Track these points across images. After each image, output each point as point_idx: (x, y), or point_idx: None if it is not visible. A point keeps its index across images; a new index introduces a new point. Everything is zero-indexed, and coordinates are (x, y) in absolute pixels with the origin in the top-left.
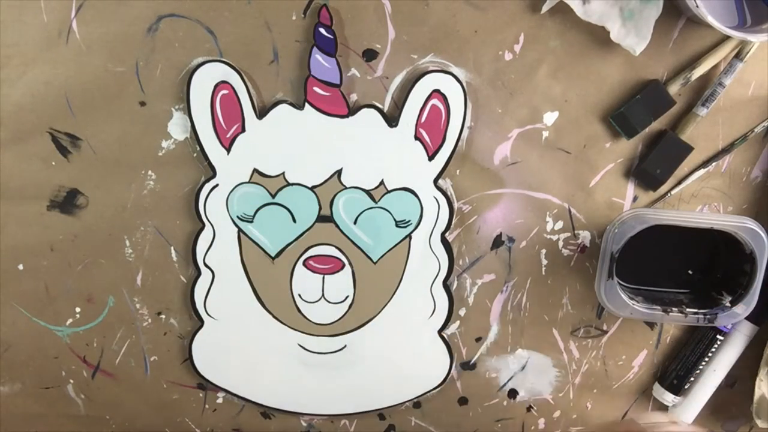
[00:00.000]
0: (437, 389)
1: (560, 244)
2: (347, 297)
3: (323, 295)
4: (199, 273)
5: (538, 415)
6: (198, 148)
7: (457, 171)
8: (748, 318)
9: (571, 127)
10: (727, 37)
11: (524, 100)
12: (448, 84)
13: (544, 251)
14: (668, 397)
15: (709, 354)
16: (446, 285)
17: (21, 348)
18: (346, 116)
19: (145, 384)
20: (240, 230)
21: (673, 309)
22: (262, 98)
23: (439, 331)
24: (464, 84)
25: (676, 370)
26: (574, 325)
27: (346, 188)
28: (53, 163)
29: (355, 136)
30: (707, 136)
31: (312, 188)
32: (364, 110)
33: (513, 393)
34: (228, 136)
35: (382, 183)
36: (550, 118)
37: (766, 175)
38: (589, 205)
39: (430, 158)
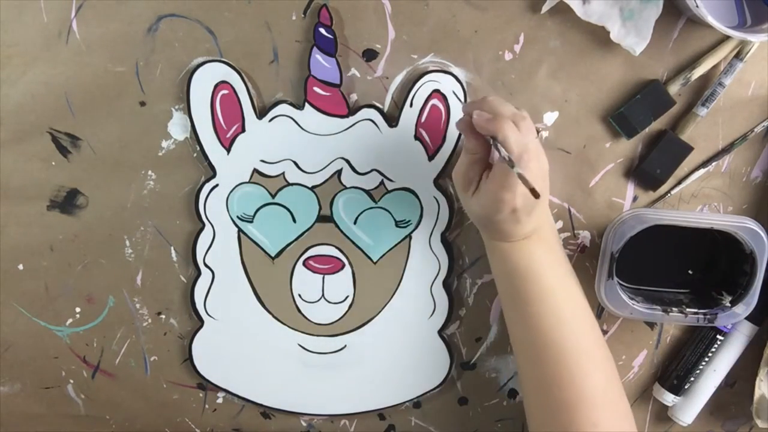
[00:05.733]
0: (437, 389)
1: None
2: (347, 297)
3: (323, 295)
4: (199, 273)
5: None
6: (198, 148)
7: None
8: (748, 318)
9: (571, 127)
10: (727, 37)
11: (524, 100)
12: (448, 84)
13: None
14: (668, 397)
15: (709, 354)
16: (446, 285)
17: (21, 348)
18: (346, 116)
19: (145, 384)
20: (240, 230)
21: (673, 309)
22: (262, 98)
23: (439, 331)
24: (464, 84)
25: (676, 370)
26: None
27: (346, 188)
28: (53, 163)
29: (355, 136)
30: (707, 136)
31: (312, 188)
32: (364, 110)
33: (513, 393)
34: (228, 136)
35: (382, 183)
36: (550, 118)
37: (766, 175)
38: (589, 205)
39: (430, 158)
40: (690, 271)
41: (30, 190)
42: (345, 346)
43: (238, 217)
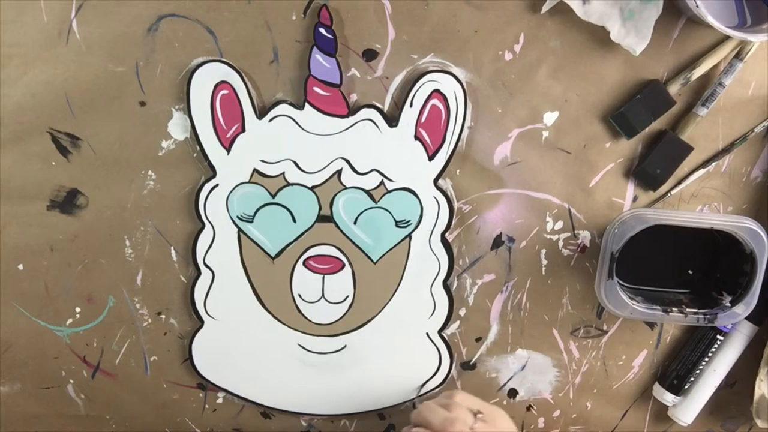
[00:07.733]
0: (437, 389)
1: (560, 244)
2: (347, 297)
3: (323, 295)
4: (199, 273)
5: (537, 414)
6: (198, 148)
7: (457, 171)
8: (748, 318)
9: (571, 127)
10: (727, 37)
11: (524, 100)
12: (448, 84)
13: (544, 251)
14: (668, 397)
15: (709, 354)
16: (446, 285)
17: (21, 348)
18: (346, 116)
19: (145, 384)
20: (240, 230)
21: (673, 309)
22: (262, 98)
23: (439, 331)
24: (464, 84)
25: (676, 370)
26: (574, 325)
27: (346, 188)
28: (53, 163)
29: (355, 136)
30: (707, 136)
31: (312, 188)
32: (364, 110)
33: (513, 393)
34: (228, 136)
35: (382, 183)
36: (550, 118)
37: (766, 175)
38: (589, 205)
39: (430, 158)
40: (690, 271)
41: (30, 190)
42: (345, 346)
43: (238, 217)
